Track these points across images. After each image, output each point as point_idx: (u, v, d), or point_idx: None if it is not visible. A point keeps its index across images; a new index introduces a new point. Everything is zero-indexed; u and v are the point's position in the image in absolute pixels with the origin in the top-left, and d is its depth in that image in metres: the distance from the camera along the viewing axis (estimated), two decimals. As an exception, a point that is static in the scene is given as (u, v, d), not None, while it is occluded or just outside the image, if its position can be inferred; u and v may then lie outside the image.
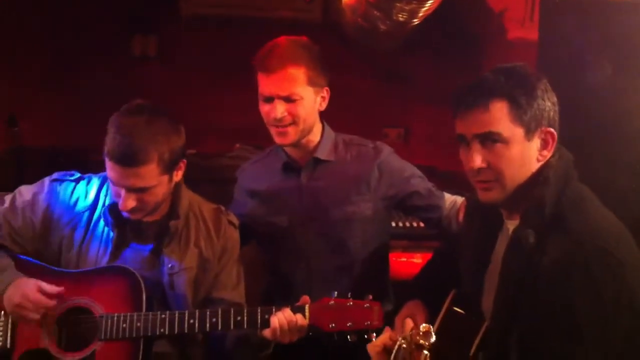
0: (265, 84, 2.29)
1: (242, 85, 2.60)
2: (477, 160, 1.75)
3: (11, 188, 2.44)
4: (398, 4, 2.91)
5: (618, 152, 2.55)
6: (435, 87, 4.05)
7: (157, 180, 2.06)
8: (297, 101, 2.29)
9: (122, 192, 2.05)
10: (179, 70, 4.42)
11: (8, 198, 2.19)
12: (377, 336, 2.01)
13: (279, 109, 2.28)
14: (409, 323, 1.95)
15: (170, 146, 2.06)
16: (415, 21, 3.12)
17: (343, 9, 3.53)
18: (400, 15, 3.03)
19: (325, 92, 2.39)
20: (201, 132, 2.16)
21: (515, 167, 1.74)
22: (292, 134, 2.34)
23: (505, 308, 1.77)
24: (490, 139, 1.73)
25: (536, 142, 1.74)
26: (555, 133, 1.75)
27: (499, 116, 1.71)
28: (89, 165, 2.40)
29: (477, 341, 1.87)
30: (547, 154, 1.76)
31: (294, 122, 2.31)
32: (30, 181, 2.28)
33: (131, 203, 2.06)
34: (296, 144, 2.39)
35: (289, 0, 4.22)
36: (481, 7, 3.43)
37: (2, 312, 2.10)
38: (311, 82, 2.31)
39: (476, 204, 1.90)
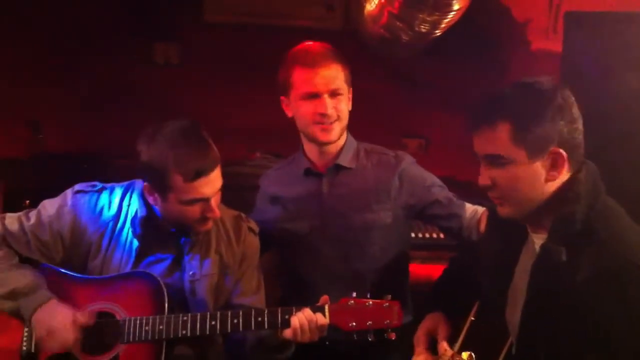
0: (310, 80, 2.32)
1: (263, 91, 2.62)
2: (483, 178, 1.78)
3: (34, 195, 2.47)
4: (420, 15, 2.91)
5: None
6: (456, 97, 4.03)
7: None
8: (341, 96, 2.36)
9: (213, 201, 2.12)
10: (200, 76, 4.45)
11: (33, 214, 2.20)
12: (396, 335, 2.03)
13: (329, 104, 2.32)
14: (444, 346, 1.97)
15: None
16: (438, 32, 3.11)
17: (365, 19, 3.53)
18: (423, 27, 3.03)
19: (350, 93, 2.44)
20: (221, 136, 2.19)
21: (519, 186, 1.74)
22: (337, 130, 2.38)
23: (533, 323, 1.76)
24: (495, 161, 1.74)
25: (543, 163, 1.72)
26: (564, 154, 1.70)
27: (502, 138, 1.71)
28: (113, 171, 2.42)
29: (502, 355, 1.86)
30: (557, 174, 1.73)
31: (339, 118, 2.36)
32: (54, 188, 2.30)
33: (217, 207, 2.14)
34: (335, 142, 2.41)
35: (311, 8, 4.23)
36: (505, 17, 3.42)
37: (27, 324, 2.11)
38: (347, 81, 2.38)
39: (498, 216, 1.88)
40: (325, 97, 2.32)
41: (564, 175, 1.74)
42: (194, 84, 4.42)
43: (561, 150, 1.71)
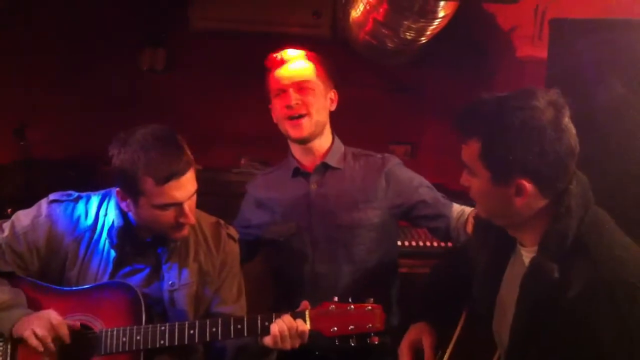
0: (279, 76, 2.42)
1: (249, 98, 2.61)
2: (463, 179, 1.79)
3: (19, 201, 2.44)
4: (406, 22, 2.90)
5: (630, 169, 2.53)
6: (443, 103, 4.05)
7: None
8: (310, 90, 2.41)
9: (186, 206, 2.07)
10: (186, 83, 4.44)
11: (7, 225, 2.16)
12: (379, 339, 2.02)
13: (293, 96, 2.38)
14: (430, 356, 1.97)
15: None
16: (423, 39, 3.11)
17: (350, 25, 3.53)
18: (408, 34, 3.03)
19: (333, 95, 2.50)
20: (207, 144, 2.18)
21: (487, 201, 1.77)
22: (307, 126, 2.41)
23: (522, 338, 1.74)
24: (468, 170, 1.76)
25: (508, 189, 1.68)
26: (528, 185, 1.65)
27: (472, 153, 1.71)
28: (98, 178, 2.40)
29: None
30: (524, 200, 1.68)
31: (307, 114, 2.39)
32: (38, 195, 2.27)
33: (192, 212, 2.10)
34: (309, 140, 2.45)
35: (298, 15, 4.22)
36: (490, 24, 3.42)
37: (1, 338, 2.07)
38: (320, 78, 2.44)
39: (486, 222, 1.87)
40: (290, 91, 2.39)
41: (541, 201, 1.70)
42: (180, 91, 4.42)
43: (525, 182, 1.66)
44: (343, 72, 2.49)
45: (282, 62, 2.42)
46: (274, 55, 2.46)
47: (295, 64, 2.43)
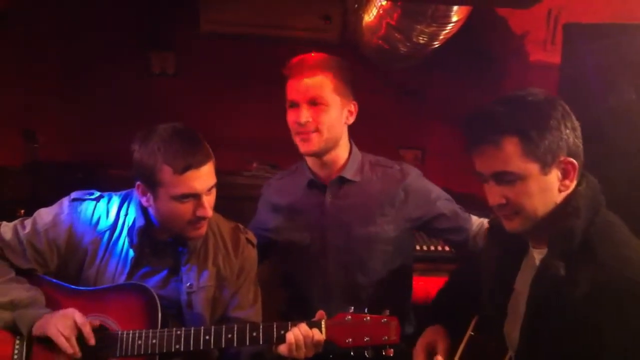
0: (293, 89, 2.31)
1: (259, 101, 2.61)
2: (496, 197, 1.74)
3: (28, 204, 2.45)
4: (419, 27, 2.91)
5: (640, 173, 2.53)
6: (453, 108, 4.03)
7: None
8: (323, 107, 2.31)
9: (205, 200, 2.07)
10: (196, 86, 4.44)
11: (28, 222, 2.17)
12: (394, 351, 2.00)
13: (304, 114, 2.29)
14: None
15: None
16: (436, 44, 3.11)
17: (362, 30, 3.53)
18: (421, 38, 3.03)
19: (353, 107, 2.40)
20: (217, 146, 2.19)
21: (534, 200, 1.71)
22: (316, 142, 2.33)
23: (532, 337, 1.74)
24: (505, 178, 1.71)
25: (556, 173, 1.70)
26: (575, 162, 1.70)
27: (511, 154, 1.68)
28: (107, 181, 2.41)
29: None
30: (569, 183, 1.72)
31: (318, 130, 2.32)
32: (47, 197, 2.27)
33: (210, 207, 2.10)
34: (320, 155, 2.38)
35: (307, 19, 4.23)
36: (502, 28, 3.42)
37: (17, 336, 2.07)
38: (338, 91, 2.33)
39: (499, 228, 1.87)
40: (302, 106, 2.30)
41: (572, 186, 1.73)
42: (190, 94, 4.41)
43: (572, 160, 1.70)
44: (347, 81, 2.45)
45: (300, 72, 2.30)
46: (294, 61, 2.36)
47: (313, 77, 2.29)
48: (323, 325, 2.02)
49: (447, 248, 3.39)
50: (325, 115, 2.31)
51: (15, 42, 4.09)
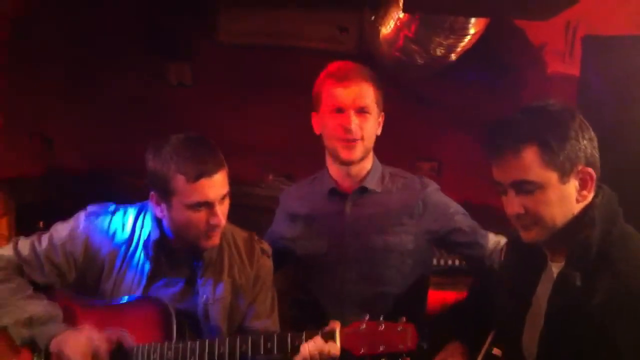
0: (338, 94, 2.33)
1: (276, 111, 2.61)
2: (515, 207, 1.75)
3: (46, 214, 2.47)
4: (436, 39, 2.90)
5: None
6: (471, 120, 4.01)
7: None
8: (368, 115, 2.35)
9: (218, 209, 2.08)
10: (212, 97, 4.46)
11: (45, 237, 2.19)
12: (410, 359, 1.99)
13: (354, 120, 2.31)
14: None
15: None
16: (453, 56, 3.10)
17: (380, 42, 3.53)
18: (439, 50, 3.02)
19: (381, 118, 2.44)
20: (236, 156, 2.20)
21: (553, 209, 1.72)
22: (359, 149, 2.36)
23: (550, 349, 1.74)
24: (524, 187, 1.72)
25: (574, 183, 1.71)
26: (593, 173, 1.71)
27: (531, 163, 1.69)
28: (125, 191, 2.42)
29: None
30: (587, 194, 1.73)
31: (363, 138, 2.34)
32: (66, 208, 2.29)
33: (224, 216, 2.11)
34: (356, 163, 2.40)
35: (324, 30, 4.24)
36: (521, 40, 3.41)
37: (35, 353, 2.08)
38: (377, 102, 2.38)
39: (518, 242, 1.87)
40: (350, 113, 2.32)
41: (589, 197, 1.73)
42: (207, 104, 4.43)
43: (590, 169, 1.71)
44: (383, 92, 2.46)
45: (346, 78, 2.33)
46: (336, 67, 2.39)
47: (360, 84, 2.33)
48: (337, 335, 2.00)
49: (463, 262, 3.38)
50: (368, 124, 2.36)
51: (33, 52, 4.13)
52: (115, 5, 4.19)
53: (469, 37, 2.86)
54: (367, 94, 2.34)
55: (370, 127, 2.36)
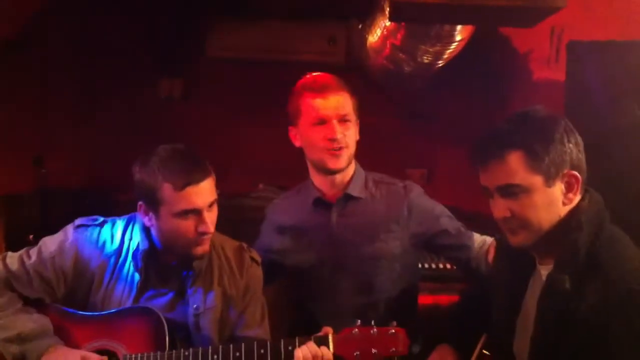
0: (320, 106, 2.35)
1: (266, 125, 2.61)
2: (501, 211, 1.76)
3: (37, 230, 2.46)
4: (423, 46, 2.93)
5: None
6: (459, 127, 4.04)
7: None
8: (349, 123, 2.38)
9: (206, 216, 2.09)
10: (203, 111, 4.47)
11: (34, 251, 2.18)
12: None
13: (338, 129, 2.34)
14: None
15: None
16: (440, 63, 3.13)
17: (367, 51, 3.56)
18: (425, 57, 3.05)
19: (357, 125, 2.45)
20: (225, 171, 2.21)
21: (539, 213, 1.73)
22: (345, 157, 2.39)
23: (541, 353, 1.74)
24: (510, 191, 1.73)
25: (560, 187, 1.72)
26: (579, 176, 1.72)
27: (516, 167, 1.71)
28: (116, 206, 2.42)
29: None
30: (573, 196, 1.74)
31: (347, 146, 2.37)
32: (56, 223, 2.28)
33: (212, 223, 2.12)
34: (342, 171, 2.42)
35: (313, 42, 4.26)
36: (506, 47, 3.43)
37: None
38: (355, 109, 2.40)
39: (506, 247, 1.88)
40: (334, 123, 2.34)
41: (575, 200, 1.74)
42: (197, 119, 4.44)
43: (575, 173, 1.72)
44: (358, 98, 2.48)
45: (325, 89, 2.36)
46: (312, 80, 2.42)
47: (339, 94, 2.37)
48: (330, 340, 2.02)
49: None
50: (350, 131, 2.39)
51: (25, 70, 4.13)
52: (110, 21, 4.21)
53: (455, 44, 2.89)
54: (346, 102, 2.37)
55: (352, 134, 2.39)
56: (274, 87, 2.54)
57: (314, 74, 2.46)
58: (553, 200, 1.72)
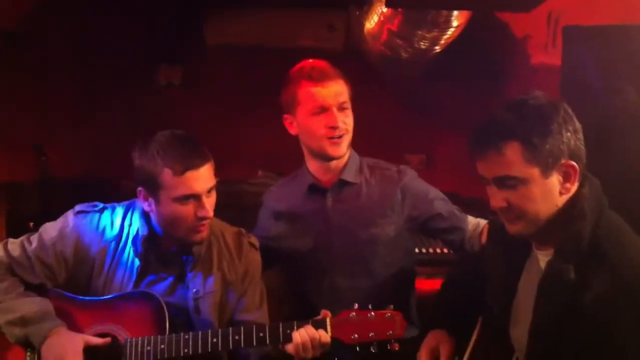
0: (319, 95, 2.35)
1: (264, 112, 2.62)
2: (498, 201, 1.75)
3: (37, 219, 2.47)
4: (420, 32, 2.93)
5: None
6: (457, 113, 4.05)
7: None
8: (348, 111, 2.40)
9: (205, 201, 2.10)
10: (203, 98, 4.48)
11: (35, 238, 2.20)
12: (400, 347, 2.03)
13: (339, 117, 2.35)
14: None
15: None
16: (437, 48, 3.14)
17: (365, 37, 3.56)
18: (422, 43, 3.05)
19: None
20: (224, 158, 2.23)
21: (537, 204, 1.71)
22: (345, 144, 2.40)
23: (542, 342, 1.74)
24: (507, 182, 1.72)
25: (557, 177, 1.70)
26: (576, 165, 1.70)
27: (513, 159, 1.68)
28: (116, 193, 2.44)
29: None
30: (570, 186, 1.72)
31: (347, 132, 2.39)
32: (57, 212, 2.30)
33: (211, 208, 2.13)
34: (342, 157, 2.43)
35: (311, 29, 4.25)
36: (504, 33, 3.43)
37: (28, 349, 2.10)
38: (350, 96, 2.41)
39: (500, 230, 1.87)
40: (334, 111, 2.34)
41: (573, 189, 1.73)
42: (196, 106, 4.44)
43: (573, 163, 1.70)
44: (357, 85, 2.49)
45: (323, 77, 2.35)
46: (308, 67, 2.40)
47: (337, 82, 2.37)
48: (328, 324, 2.05)
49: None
50: (349, 118, 2.40)
51: (26, 61, 4.13)
52: (109, 12, 4.21)
53: (452, 30, 2.89)
54: (344, 90, 2.38)
55: (351, 120, 2.40)
56: (273, 74, 2.54)
57: (308, 61, 2.45)
58: (550, 191, 1.71)
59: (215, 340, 2.07)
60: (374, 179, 2.50)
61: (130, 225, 2.24)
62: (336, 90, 2.36)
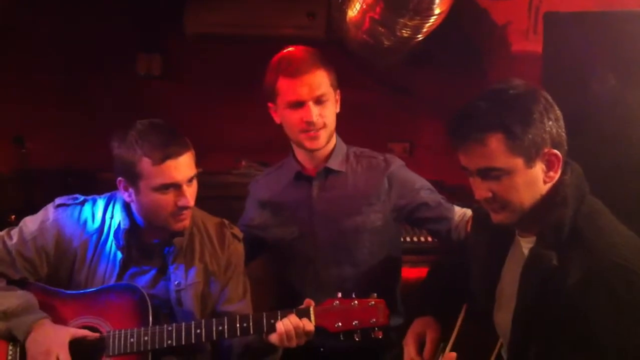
0: (295, 89, 2.30)
1: (246, 101, 2.60)
2: (482, 192, 1.75)
3: (18, 210, 2.46)
4: (402, 20, 2.92)
5: (624, 160, 2.55)
6: (440, 100, 4.06)
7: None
8: (327, 102, 2.34)
9: (186, 190, 2.10)
10: (183, 88, 4.45)
11: (15, 232, 2.18)
12: (383, 334, 2.05)
13: (315, 112, 2.30)
14: (430, 350, 1.98)
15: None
16: (420, 36, 3.12)
17: (347, 25, 3.54)
18: (404, 31, 3.04)
19: (338, 95, 2.43)
20: (206, 149, 2.21)
21: (521, 193, 1.72)
22: (323, 137, 2.37)
23: (524, 328, 1.75)
24: (491, 174, 1.72)
25: (540, 166, 1.71)
26: (559, 154, 1.71)
27: (496, 151, 1.68)
28: (97, 185, 2.42)
29: (493, 357, 1.86)
30: (554, 174, 1.73)
31: (325, 126, 2.35)
32: (38, 203, 2.28)
33: (192, 198, 2.13)
34: (323, 148, 2.41)
35: (292, 17, 4.23)
36: (485, 20, 3.44)
37: (10, 342, 2.08)
38: (332, 84, 2.36)
39: (484, 217, 1.88)
40: (310, 105, 2.30)
41: (556, 177, 1.74)
42: (176, 95, 4.43)
43: (555, 151, 1.71)
44: (339, 73, 2.47)
45: (298, 70, 2.28)
46: (286, 59, 2.33)
47: (314, 74, 2.29)
48: (312, 313, 2.06)
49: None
50: (328, 110, 2.35)
51: (6, 51, 4.09)
52: (88, 2, 4.16)
53: (434, 18, 2.87)
54: (321, 81, 2.31)
55: (331, 112, 2.36)
56: (253, 62, 2.52)
57: (289, 50, 2.40)
58: (534, 180, 1.72)
59: (199, 331, 2.06)
60: (360, 167, 2.49)
61: (111, 217, 2.22)
62: (312, 83, 2.29)
